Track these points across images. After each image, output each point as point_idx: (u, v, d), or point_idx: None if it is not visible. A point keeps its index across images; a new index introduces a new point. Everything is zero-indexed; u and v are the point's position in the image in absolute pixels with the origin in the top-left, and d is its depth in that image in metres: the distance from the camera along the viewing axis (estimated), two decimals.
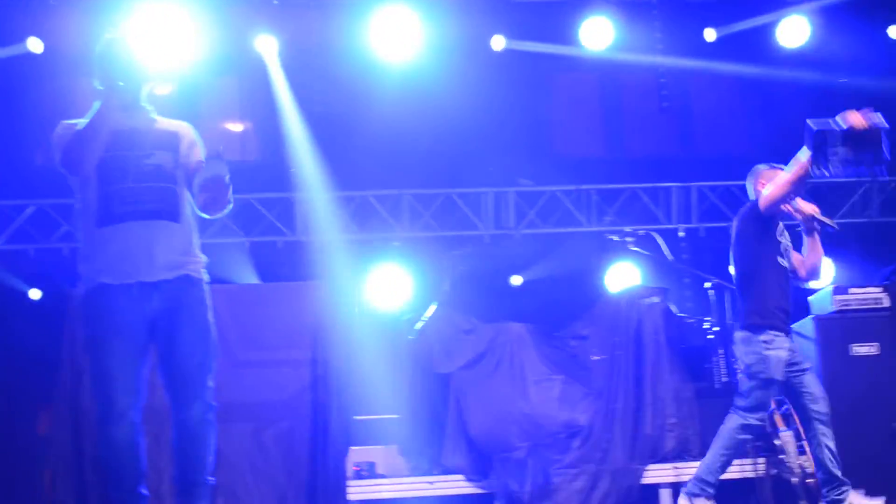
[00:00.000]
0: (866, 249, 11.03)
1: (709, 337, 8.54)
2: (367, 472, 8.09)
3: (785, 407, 7.74)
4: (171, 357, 5.20)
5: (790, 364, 6.71)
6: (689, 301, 9.49)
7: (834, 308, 8.83)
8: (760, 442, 7.73)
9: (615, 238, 9.87)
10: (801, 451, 7.47)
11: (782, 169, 6.61)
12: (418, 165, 10.53)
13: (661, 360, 8.38)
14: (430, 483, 7.95)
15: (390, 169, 10.53)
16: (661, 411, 8.24)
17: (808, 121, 6.15)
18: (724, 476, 7.88)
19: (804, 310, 8.96)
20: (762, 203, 6.60)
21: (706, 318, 8.60)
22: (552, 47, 10.46)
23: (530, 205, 10.74)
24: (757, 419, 6.67)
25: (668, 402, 8.27)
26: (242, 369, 7.20)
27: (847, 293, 8.91)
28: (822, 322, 8.76)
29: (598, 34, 10.44)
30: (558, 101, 11.29)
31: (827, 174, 6.19)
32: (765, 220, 6.69)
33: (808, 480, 7.36)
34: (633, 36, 10.60)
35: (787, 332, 6.69)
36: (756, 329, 6.61)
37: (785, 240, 6.78)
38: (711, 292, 8.75)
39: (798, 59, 10.88)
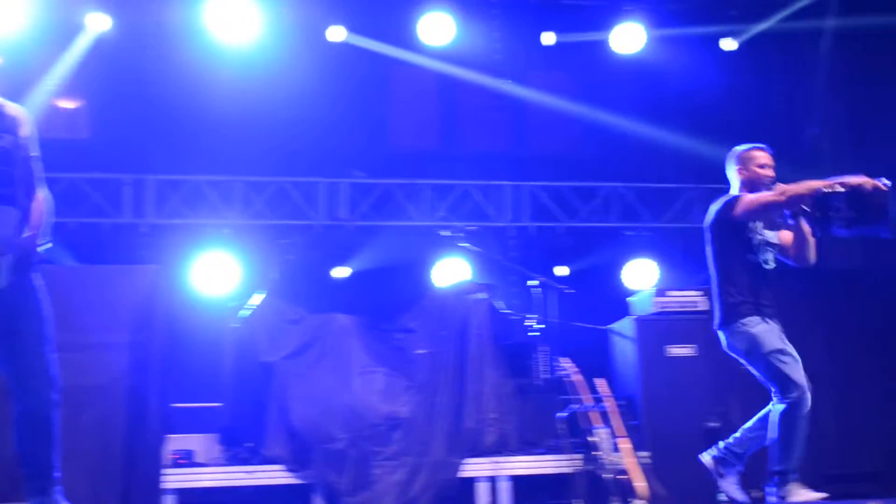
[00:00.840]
0: (689, 253, 11.39)
1: (532, 334, 8.69)
2: (185, 460, 8.00)
3: (603, 404, 7.98)
4: (9, 345, 5.15)
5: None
6: (516, 298, 9.65)
7: (654, 310, 9.12)
8: (576, 438, 7.96)
9: (446, 233, 10.04)
10: (616, 449, 7.70)
11: (766, 151, 6.55)
12: (252, 152, 10.44)
13: (485, 355, 8.51)
14: (249, 472, 7.90)
15: (224, 154, 10.41)
16: (483, 406, 8.35)
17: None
18: (540, 471, 8.11)
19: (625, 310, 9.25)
20: (737, 210, 6.36)
21: (531, 315, 8.75)
22: (388, 48, 10.53)
23: (364, 196, 10.76)
24: (792, 395, 6.16)
25: (490, 396, 8.40)
26: (58, 352, 7.03)
27: (666, 295, 9.20)
28: (642, 323, 9.03)
29: (437, 30, 10.55)
30: (396, 93, 11.34)
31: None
32: (735, 222, 6.43)
33: (620, 477, 7.58)
34: (471, 34, 10.75)
35: (764, 318, 6.36)
36: (730, 322, 6.44)
37: (761, 235, 6.49)
38: (538, 290, 8.93)
39: (633, 66, 11.18)
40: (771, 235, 6.53)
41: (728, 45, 11.24)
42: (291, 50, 10.24)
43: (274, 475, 7.92)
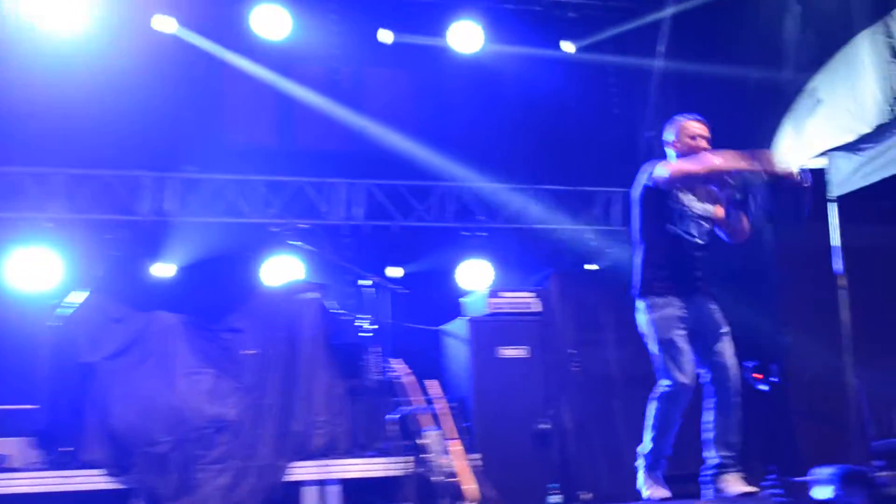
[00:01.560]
0: (523, 254, 11.51)
1: (364, 334, 8.64)
2: None
3: (434, 406, 7.98)
4: None
5: (694, 320, 6.26)
6: (348, 298, 9.57)
7: (487, 311, 9.18)
8: (407, 441, 7.94)
9: (278, 231, 9.93)
10: (446, 451, 7.70)
11: (700, 122, 6.44)
12: (76, 144, 10.07)
13: (315, 356, 8.48)
14: (67, 477, 7.65)
15: (46, 146, 10.02)
16: (312, 408, 8.32)
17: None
18: (370, 474, 8.06)
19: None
20: (656, 176, 6.21)
21: (363, 316, 8.70)
22: (217, 48, 10.34)
23: (193, 192, 10.53)
24: (667, 385, 6.11)
25: (320, 398, 8.37)
26: None
27: (499, 296, 9.28)
28: (475, 324, 9.09)
29: (271, 24, 10.40)
30: (230, 87, 11.10)
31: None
32: (655, 190, 6.26)
33: (450, 480, 7.58)
34: (307, 29, 10.63)
35: (677, 294, 6.22)
36: (639, 297, 6.32)
37: (686, 205, 6.30)
38: (371, 290, 8.89)
39: (472, 65, 11.22)
40: (702, 208, 6.39)
41: (567, 47, 11.35)
42: (119, 40, 9.93)
43: (93, 480, 7.71)
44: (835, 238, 8.59)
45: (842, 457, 7.35)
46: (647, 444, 6.29)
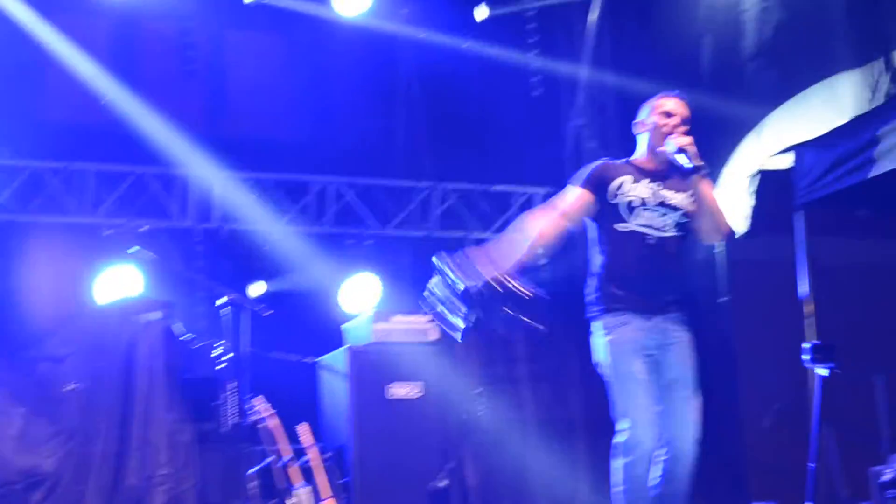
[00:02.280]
0: (421, 268, 11.55)
1: (219, 366, 8.61)
2: None
3: (306, 457, 8.02)
4: None
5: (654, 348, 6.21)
6: (200, 320, 9.56)
7: (373, 339, 9.21)
8: (276, 500, 7.97)
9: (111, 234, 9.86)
10: None
11: (679, 99, 6.42)
12: None
13: (157, 393, 8.41)
14: None
15: None
16: (151, 458, 8.25)
17: None
18: None
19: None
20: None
21: (218, 343, 8.68)
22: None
23: (4, 184, 10.43)
24: (627, 428, 6.00)
25: (161, 446, 8.30)
26: None
27: (389, 321, 9.33)
28: (357, 355, 9.12)
29: None
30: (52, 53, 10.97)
31: None
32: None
33: None
34: None
35: (639, 312, 6.19)
36: (595, 315, 6.26)
37: (633, 193, 6.28)
38: (228, 310, 8.87)
39: (358, 32, 11.24)
40: (671, 195, 6.33)
41: (481, 13, 11.35)
42: None
43: None
44: (801, 254, 8.76)
45: None
46: None
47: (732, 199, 9.38)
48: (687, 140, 6.17)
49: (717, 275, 9.73)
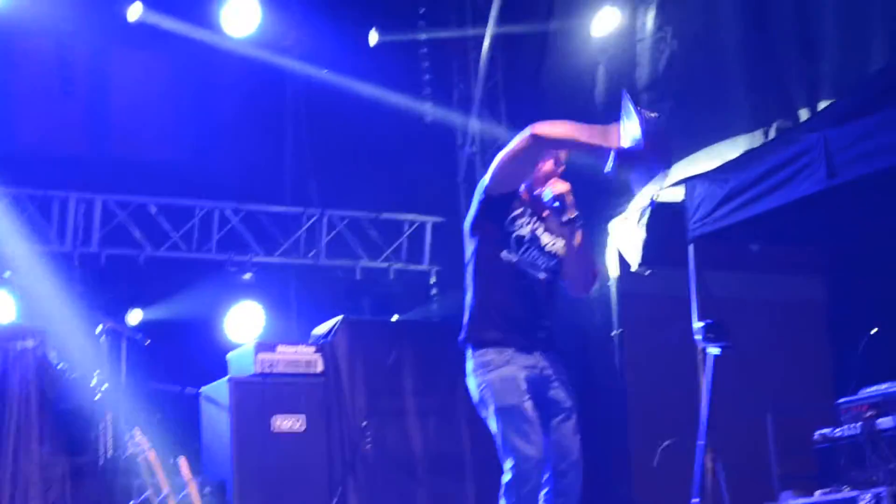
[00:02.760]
0: (308, 296, 11.48)
1: (95, 397, 8.46)
2: None
3: (186, 492, 7.88)
4: None
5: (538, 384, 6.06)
6: (76, 348, 9.36)
7: (256, 369, 9.10)
8: None
9: None
10: None
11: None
12: None
13: (29, 424, 8.25)
14: None
15: None
16: (24, 493, 8.08)
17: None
18: None
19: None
20: (487, 177, 6.05)
21: (94, 372, 8.52)
22: None
23: None
24: (511, 468, 5.84)
25: (34, 481, 8.15)
26: None
27: (274, 351, 9.23)
28: (238, 386, 9.01)
29: None
30: None
31: None
32: (488, 201, 6.11)
33: None
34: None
35: (520, 348, 6.02)
36: (472, 352, 6.06)
37: (523, 229, 6.14)
38: (105, 339, 8.73)
39: (243, 52, 11.12)
40: (550, 239, 6.21)
41: (372, 38, 11.32)
42: None
43: None
44: (692, 288, 8.79)
45: None
46: None
47: (627, 232, 9.40)
48: (564, 188, 6.01)
49: (610, 308, 9.73)
